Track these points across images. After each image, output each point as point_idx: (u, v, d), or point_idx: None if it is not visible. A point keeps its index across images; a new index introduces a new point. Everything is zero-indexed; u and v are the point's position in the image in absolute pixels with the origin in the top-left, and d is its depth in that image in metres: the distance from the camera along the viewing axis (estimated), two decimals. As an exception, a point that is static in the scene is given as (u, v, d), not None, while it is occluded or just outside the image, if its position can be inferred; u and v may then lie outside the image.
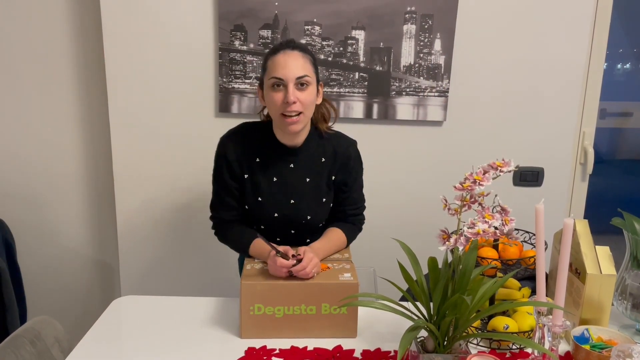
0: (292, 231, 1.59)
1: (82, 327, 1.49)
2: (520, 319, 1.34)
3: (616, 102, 2.95)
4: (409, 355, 1.18)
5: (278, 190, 1.54)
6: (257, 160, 1.53)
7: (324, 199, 1.58)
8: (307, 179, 1.55)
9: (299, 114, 1.41)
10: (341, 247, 1.57)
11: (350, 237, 1.61)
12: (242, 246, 1.53)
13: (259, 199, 1.54)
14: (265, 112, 1.57)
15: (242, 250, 1.55)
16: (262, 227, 1.58)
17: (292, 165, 1.54)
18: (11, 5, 2.15)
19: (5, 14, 2.16)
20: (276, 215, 1.55)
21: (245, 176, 1.53)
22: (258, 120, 1.60)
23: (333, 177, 1.57)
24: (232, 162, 1.52)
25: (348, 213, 1.63)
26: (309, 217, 1.57)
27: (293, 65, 1.39)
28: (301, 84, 1.40)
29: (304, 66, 1.41)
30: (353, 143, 1.60)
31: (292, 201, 1.55)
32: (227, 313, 1.49)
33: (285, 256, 1.36)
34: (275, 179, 1.53)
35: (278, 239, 1.57)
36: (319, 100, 1.51)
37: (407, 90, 2.12)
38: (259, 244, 1.49)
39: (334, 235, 1.56)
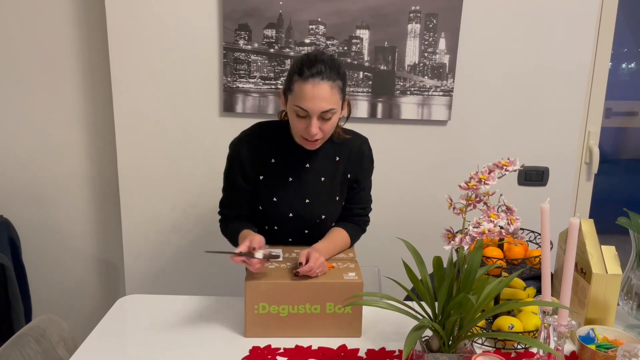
0: (306, 231, 1.59)
1: (87, 326, 1.49)
2: (526, 318, 1.34)
3: (621, 101, 2.93)
4: (414, 354, 1.18)
5: (293, 190, 1.54)
6: (273, 161, 1.52)
7: (337, 198, 1.58)
8: (322, 179, 1.55)
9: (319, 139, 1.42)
10: (344, 248, 1.57)
11: (354, 238, 1.61)
12: (234, 239, 1.54)
13: (274, 199, 1.54)
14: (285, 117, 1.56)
15: (235, 243, 1.55)
16: (276, 227, 1.58)
17: (307, 165, 1.53)
18: (17, 6, 2.16)
19: (11, 14, 2.17)
20: (291, 215, 1.55)
21: (260, 177, 1.53)
22: (272, 119, 1.58)
23: (348, 175, 1.57)
24: (245, 165, 1.51)
25: (354, 212, 1.63)
26: (323, 217, 1.57)
27: (320, 98, 1.34)
28: (325, 116, 1.38)
29: (330, 99, 1.36)
30: (365, 140, 1.60)
31: (307, 201, 1.55)
32: (231, 312, 1.49)
33: (249, 254, 1.32)
34: (290, 179, 1.53)
35: (290, 240, 1.58)
36: (343, 114, 1.48)
37: (412, 89, 2.12)
38: (243, 235, 1.46)
39: (338, 236, 1.56)
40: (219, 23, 2.06)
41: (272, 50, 2.07)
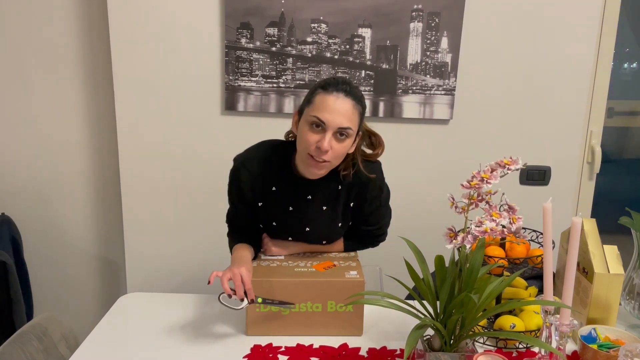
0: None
1: (88, 324, 1.49)
2: (527, 318, 1.34)
3: (624, 100, 2.94)
4: (415, 353, 1.18)
5: (293, 218, 1.48)
6: (274, 189, 1.46)
7: (340, 224, 1.52)
8: (324, 208, 1.48)
9: (326, 161, 1.33)
10: (330, 248, 1.55)
11: (349, 247, 1.57)
12: (230, 249, 1.53)
13: (273, 223, 1.50)
14: (291, 137, 1.50)
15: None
16: None
17: (309, 197, 1.47)
18: (19, 6, 2.16)
19: (13, 14, 2.17)
20: (290, 239, 1.53)
21: (259, 204, 1.48)
22: (280, 139, 1.51)
23: (352, 204, 1.50)
24: (245, 190, 1.46)
25: (361, 231, 1.56)
26: (324, 242, 1.54)
27: (341, 113, 1.29)
28: (341, 134, 1.31)
29: (351, 117, 1.31)
30: (375, 168, 1.47)
31: (307, 229, 1.50)
32: (233, 310, 1.48)
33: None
34: (291, 209, 1.47)
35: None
36: (351, 150, 1.39)
37: (414, 88, 2.12)
38: (235, 257, 1.44)
39: None
40: (220, 21, 2.06)
41: (274, 48, 2.07)
